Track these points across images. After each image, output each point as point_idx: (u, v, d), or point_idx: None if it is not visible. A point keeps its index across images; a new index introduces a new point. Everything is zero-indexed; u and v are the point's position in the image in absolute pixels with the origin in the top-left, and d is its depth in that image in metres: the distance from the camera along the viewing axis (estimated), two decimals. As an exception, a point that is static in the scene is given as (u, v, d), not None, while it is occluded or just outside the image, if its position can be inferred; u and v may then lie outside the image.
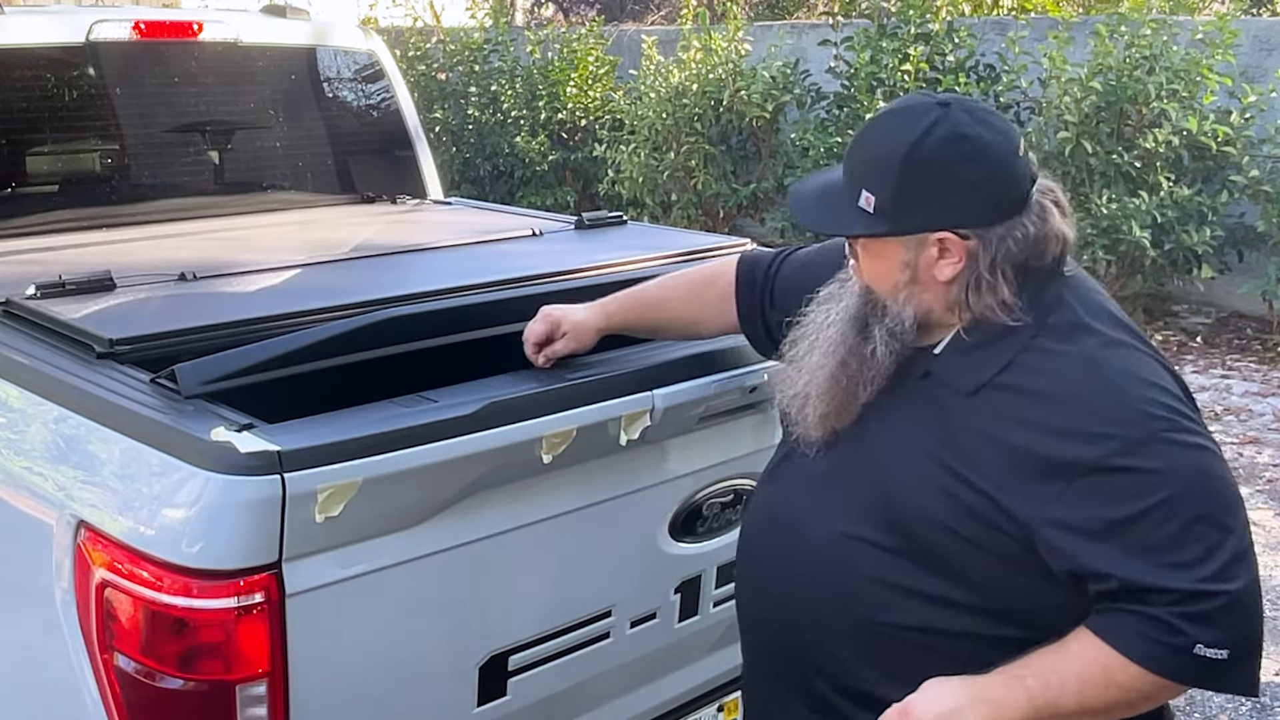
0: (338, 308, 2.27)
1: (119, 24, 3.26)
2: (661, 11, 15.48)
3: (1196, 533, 1.47)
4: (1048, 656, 1.54)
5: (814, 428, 1.72)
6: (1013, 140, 1.57)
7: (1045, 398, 1.53)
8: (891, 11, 8.26)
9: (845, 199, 1.62)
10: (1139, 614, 1.48)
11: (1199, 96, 6.87)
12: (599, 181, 9.58)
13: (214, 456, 1.61)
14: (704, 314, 2.08)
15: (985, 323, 1.59)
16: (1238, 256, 7.07)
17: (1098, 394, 1.52)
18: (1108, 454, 1.48)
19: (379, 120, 3.85)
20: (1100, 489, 1.48)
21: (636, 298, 2.13)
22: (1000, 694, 1.52)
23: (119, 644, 1.69)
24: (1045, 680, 1.51)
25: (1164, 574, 1.46)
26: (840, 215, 1.63)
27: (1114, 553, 1.48)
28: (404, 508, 1.76)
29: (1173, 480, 1.47)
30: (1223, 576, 1.47)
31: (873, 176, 1.58)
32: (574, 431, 1.90)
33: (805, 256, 2.02)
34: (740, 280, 2.04)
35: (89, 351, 2.03)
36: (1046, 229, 1.58)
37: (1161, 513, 1.46)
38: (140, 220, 3.23)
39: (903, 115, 1.59)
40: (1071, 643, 1.53)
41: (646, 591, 2.14)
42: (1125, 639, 1.49)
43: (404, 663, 1.83)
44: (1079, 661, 1.51)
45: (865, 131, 1.65)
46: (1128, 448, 1.48)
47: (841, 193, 1.63)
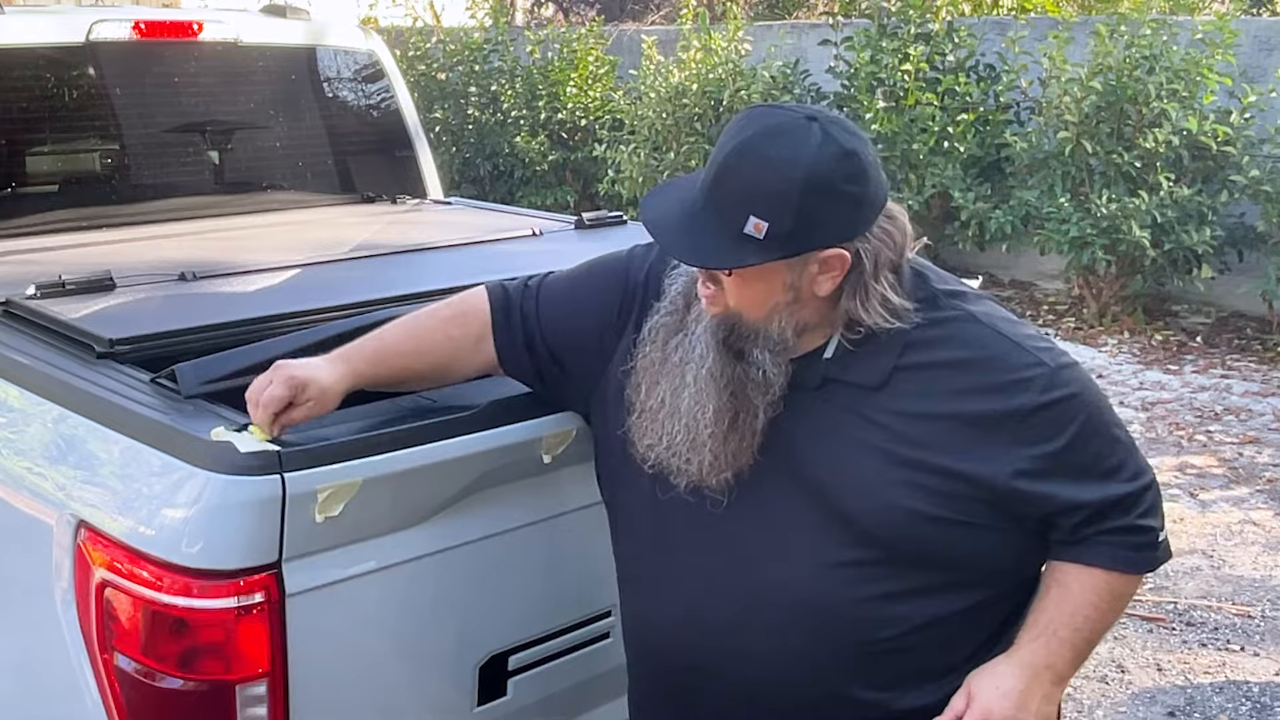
0: (338, 308, 2.27)
1: (119, 24, 3.26)
2: (661, 11, 15.48)
3: (1114, 437, 1.64)
4: (1058, 603, 1.63)
5: (710, 473, 1.61)
6: (870, 145, 1.59)
7: (959, 365, 1.60)
8: (891, 11, 8.26)
9: (724, 228, 1.52)
10: (1109, 531, 1.62)
11: (1199, 96, 6.87)
12: (599, 181, 9.59)
13: (214, 456, 1.61)
14: (459, 354, 1.86)
15: (873, 326, 1.60)
16: (1238, 256, 7.07)
17: (1000, 346, 1.61)
18: (1033, 396, 1.58)
19: (379, 120, 3.85)
20: (1040, 428, 1.58)
21: (384, 348, 1.84)
22: (1047, 657, 1.60)
23: (119, 644, 1.68)
24: (1074, 625, 1.62)
25: (1115, 486, 1.62)
26: (724, 245, 1.53)
27: (1074, 481, 1.59)
28: (404, 508, 1.77)
29: (1082, 401, 1.61)
30: (1144, 467, 1.67)
31: (763, 203, 1.50)
32: (574, 431, 1.90)
33: (570, 279, 1.89)
34: (495, 311, 1.86)
35: (89, 351, 2.02)
36: (902, 223, 1.62)
37: (1088, 431, 1.60)
38: (140, 220, 3.22)
39: (783, 137, 1.52)
40: (1068, 582, 1.64)
41: (646, 591, 2.14)
42: (1114, 558, 1.63)
43: (404, 663, 1.83)
44: (1087, 595, 1.63)
45: (741, 157, 1.53)
46: (1045, 386, 1.58)
47: (715, 221, 1.54)
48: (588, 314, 1.81)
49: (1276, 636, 3.84)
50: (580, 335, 1.81)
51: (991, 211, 7.48)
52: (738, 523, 1.64)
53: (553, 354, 1.83)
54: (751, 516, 1.64)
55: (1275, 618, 3.96)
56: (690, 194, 1.59)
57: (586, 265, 1.91)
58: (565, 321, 1.82)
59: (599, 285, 1.84)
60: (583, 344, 1.81)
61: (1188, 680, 3.55)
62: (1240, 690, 3.53)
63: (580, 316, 1.81)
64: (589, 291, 1.85)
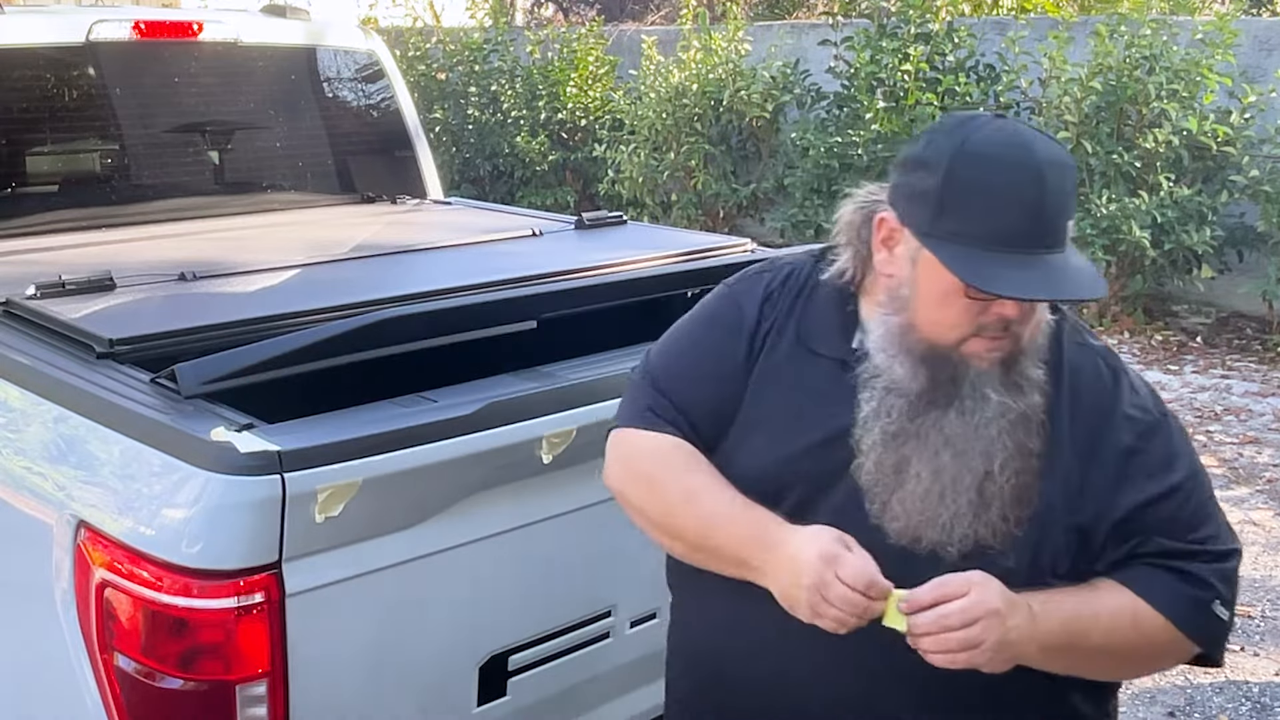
0: (338, 308, 2.28)
1: (119, 24, 3.26)
2: (661, 11, 15.48)
3: (1210, 494, 1.58)
4: (1077, 592, 1.53)
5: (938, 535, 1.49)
6: None
7: (1096, 391, 1.57)
8: (891, 11, 8.26)
9: (1071, 245, 1.46)
10: (1179, 570, 1.53)
11: (1199, 96, 6.87)
12: (599, 181, 9.58)
13: (214, 456, 1.61)
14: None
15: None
16: (1238, 256, 7.07)
17: (1130, 379, 1.59)
18: (1142, 431, 1.55)
19: (379, 120, 3.85)
20: (1147, 462, 1.54)
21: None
22: (1039, 607, 1.49)
23: (119, 644, 1.68)
24: (1078, 610, 1.52)
25: (1213, 535, 1.55)
26: (1086, 263, 1.47)
27: (1176, 516, 1.53)
28: (404, 508, 1.76)
29: (1189, 453, 1.58)
30: (1234, 537, 1.59)
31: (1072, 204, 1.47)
32: (574, 431, 1.90)
33: (688, 359, 1.69)
34: (684, 437, 1.65)
35: (89, 351, 2.03)
36: None
37: (1199, 477, 1.57)
38: (140, 220, 3.23)
39: (1045, 137, 1.46)
40: (1100, 588, 1.54)
41: (646, 591, 2.14)
42: (1156, 591, 1.52)
43: (404, 663, 1.83)
44: (1109, 603, 1.53)
45: (1061, 171, 1.43)
46: (1153, 425, 1.56)
47: (1071, 254, 1.45)
48: (722, 383, 1.65)
49: (1276, 636, 3.84)
50: (723, 401, 1.65)
51: (991, 211, 7.47)
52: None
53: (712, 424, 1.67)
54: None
55: (1275, 618, 3.96)
56: (1027, 238, 1.42)
57: (693, 338, 1.71)
58: (709, 405, 1.65)
59: (722, 353, 1.66)
60: (728, 409, 1.65)
61: (1187, 680, 3.55)
62: (1240, 690, 3.53)
63: (717, 390, 1.65)
64: (714, 363, 1.67)
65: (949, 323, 1.48)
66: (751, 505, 1.54)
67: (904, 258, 1.50)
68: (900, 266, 1.51)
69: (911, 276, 1.49)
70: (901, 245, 1.50)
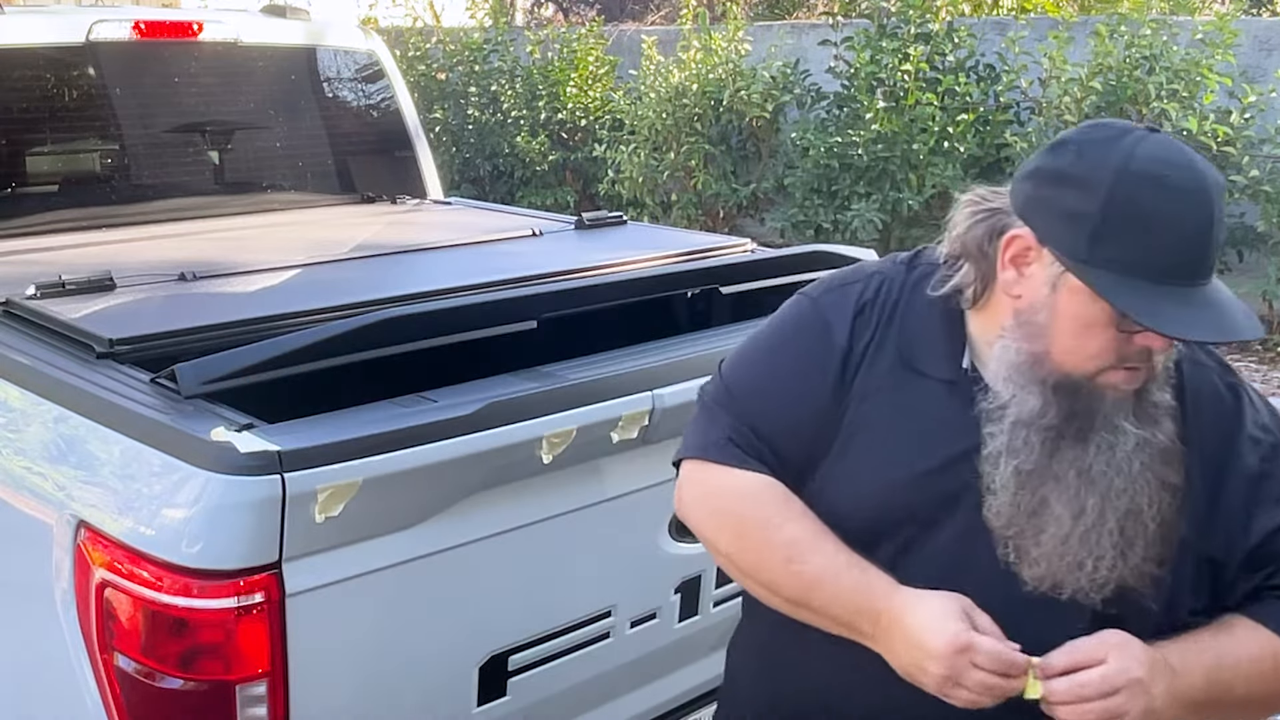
0: (338, 308, 2.28)
1: (119, 24, 3.26)
2: (661, 11, 15.48)
3: None
4: (1214, 636, 1.42)
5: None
6: None
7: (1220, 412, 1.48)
8: (891, 11, 8.26)
9: (1225, 290, 1.36)
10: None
11: (1199, 96, 6.87)
12: (599, 181, 9.58)
13: (214, 456, 1.61)
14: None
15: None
16: (1238, 256, 7.07)
17: (1249, 396, 1.51)
18: (1266, 453, 1.47)
19: (379, 120, 3.85)
20: (1275, 486, 1.46)
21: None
22: (1178, 661, 1.38)
23: (119, 644, 1.68)
24: (1219, 659, 1.40)
25: None
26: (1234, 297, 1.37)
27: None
28: (404, 508, 1.76)
29: None
30: None
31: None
32: (574, 431, 1.90)
33: (773, 391, 1.54)
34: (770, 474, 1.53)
35: (89, 351, 2.03)
36: None
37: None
38: (140, 220, 3.23)
39: (1221, 191, 1.34)
40: (1236, 629, 1.43)
41: (646, 591, 2.14)
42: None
43: (404, 663, 1.83)
44: (1249, 646, 1.42)
45: (1220, 217, 1.32)
46: (1277, 445, 1.48)
47: (1218, 284, 1.36)
48: (811, 408, 1.52)
49: (1276, 636, 3.84)
50: (813, 430, 1.52)
51: (991, 211, 7.47)
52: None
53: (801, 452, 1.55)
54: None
55: (1275, 618, 3.95)
56: (1189, 270, 1.32)
57: (775, 357, 1.57)
58: (796, 434, 1.53)
59: (810, 374, 1.53)
60: (818, 438, 1.53)
61: None
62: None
63: (806, 417, 1.52)
64: (801, 386, 1.53)
65: (1089, 353, 1.36)
66: (861, 565, 1.42)
67: (1040, 281, 1.37)
68: (1034, 290, 1.37)
69: (1050, 302, 1.36)
70: (1036, 266, 1.37)
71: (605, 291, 2.38)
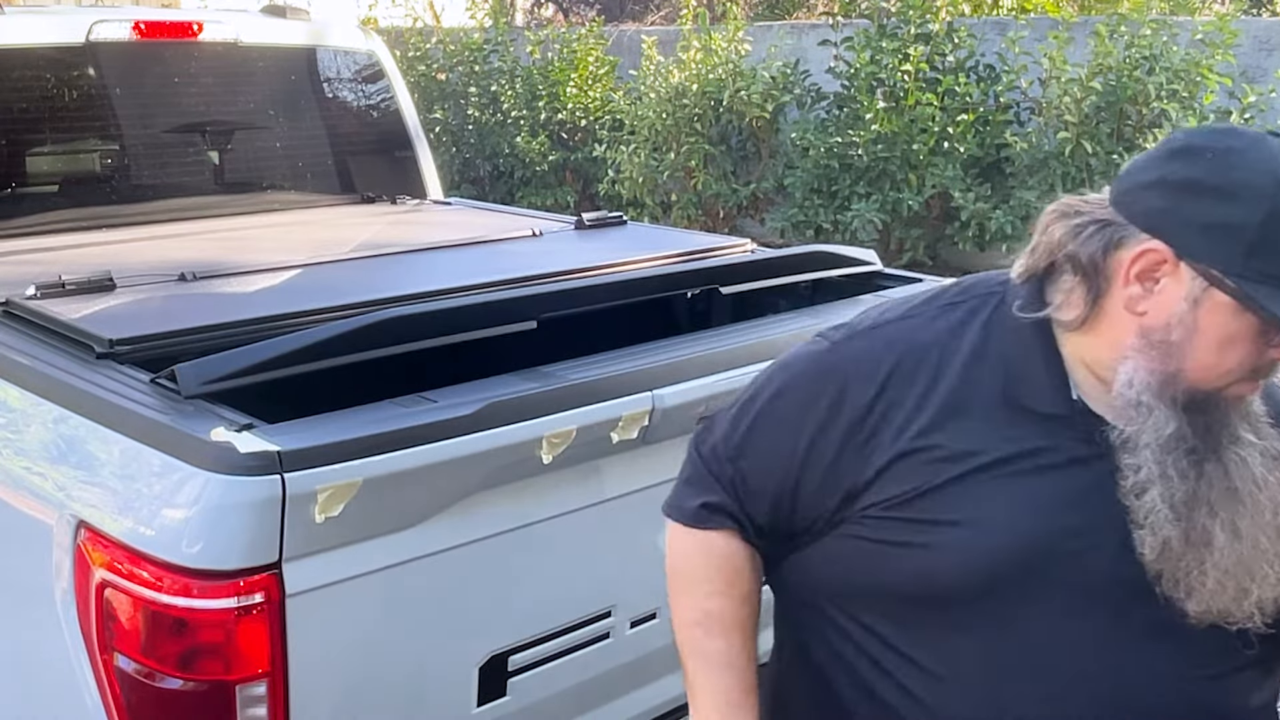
0: (338, 308, 2.28)
1: (119, 24, 3.26)
2: (661, 11, 15.48)
3: None
4: None
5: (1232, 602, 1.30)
6: None
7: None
8: (891, 11, 8.26)
9: None
10: None
11: (1199, 96, 6.87)
12: (599, 181, 9.58)
13: (214, 457, 1.61)
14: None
15: None
16: (1238, 256, 7.07)
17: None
18: None
19: (379, 120, 3.85)
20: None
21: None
22: None
23: (119, 644, 1.68)
24: None
25: None
26: None
27: None
28: (404, 508, 1.76)
29: None
30: None
31: None
32: (574, 431, 1.90)
33: (772, 432, 1.44)
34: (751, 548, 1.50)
35: (89, 352, 2.03)
36: None
37: None
38: (140, 220, 3.23)
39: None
40: None
41: (646, 591, 2.14)
42: None
43: (404, 663, 1.83)
44: None
45: None
46: None
47: None
48: (808, 475, 1.42)
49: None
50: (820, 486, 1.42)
51: (992, 212, 7.48)
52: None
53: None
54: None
55: (1275, 618, 3.95)
56: None
57: (769, 416, 1.45)
58: (785, 504, 1.44)
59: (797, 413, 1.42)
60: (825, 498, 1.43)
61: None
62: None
63: (797, 488, 1.42)
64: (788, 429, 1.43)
65: (1226, 368, 1.29)
66: (729, 668, 1.46)
67: (1175, 296, 1.27)
68: (1166, 306, 1.27)
69: (1189, 318, 1.27)
70: (1169, 281, 1.27)
71: (605, 292, 2.38)
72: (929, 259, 8.10)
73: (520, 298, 2.25)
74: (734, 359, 2.13)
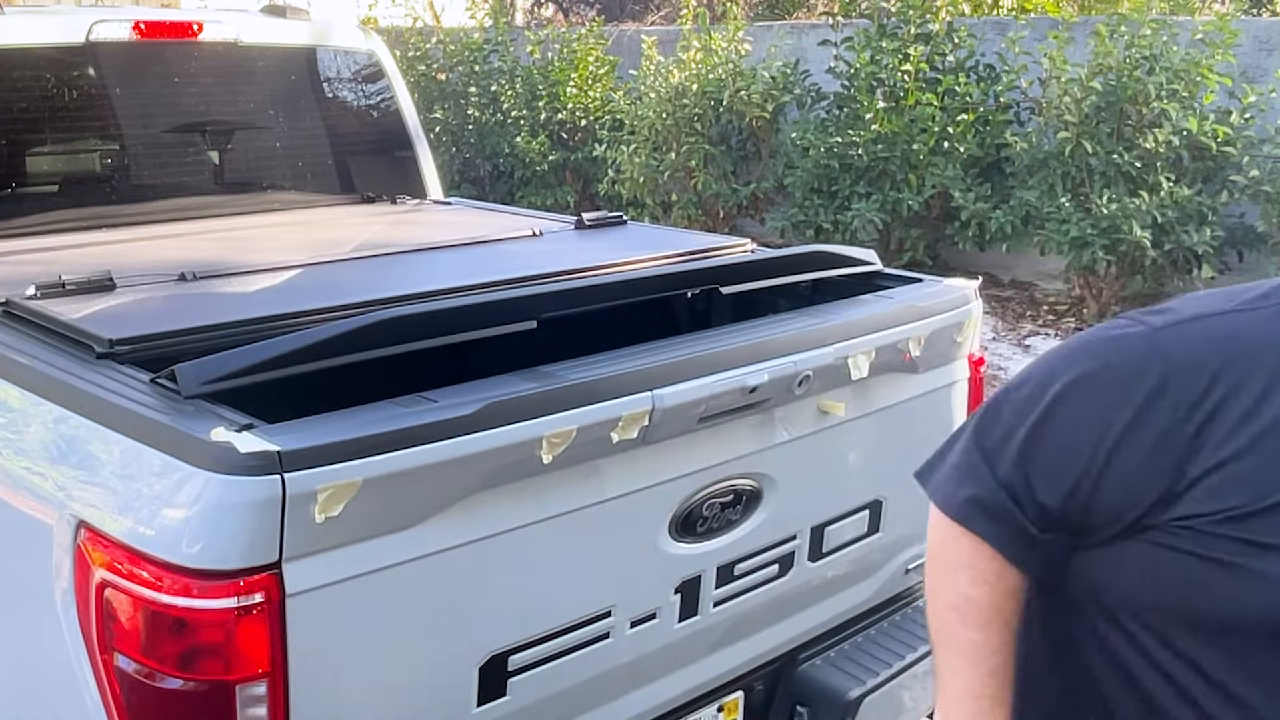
0: (338, 308, 2.28)
1: (119, 24, 3.26)
2: (661, 11, 15.48)
3: None
4: None
5: None
6: None
7: None
8: (891, 11, 8.26)
9: None
10: None
11: (1199, 96, 6.88)
12: (599, 181, 9.59)
13: (214, 457, 1.61)
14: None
15: None
16: (1238, 257, 7.07)
17: None
18: None
19: (379, 120, 3.85)
20: None
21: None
22: None
23: (119, 644, 1.68)
24: None
25: None
26: None
27: None
28: (404, 508, 1.76)
29: None
30: None
31: None
32: (574, 431, 1.90)
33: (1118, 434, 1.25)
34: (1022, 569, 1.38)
35: (89, 352, 2.03)
36: None
37: None
38: (140, 220, 3.23)
39: None
40: None
41: (646, 591, 2.14)
42: None
43: (404, 663, 1.83)
44: None
45: None
46: None
47: None
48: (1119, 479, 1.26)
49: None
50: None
51: (992, 211, 7.48)
52: None
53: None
54: None
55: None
56: None
57: (1072, 416, 1.29)
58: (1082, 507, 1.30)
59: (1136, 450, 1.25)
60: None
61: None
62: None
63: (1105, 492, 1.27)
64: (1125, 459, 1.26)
65: None
66: (983, 664, 1.36)
67: None
68: None
69: None
70: None
71: (605, 291, 2.38)
72: (929, 259, 8.10)
73: (520, 298, 2.25)
74: (734, 359, 2.12)
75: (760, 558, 2.31)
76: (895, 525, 2.59)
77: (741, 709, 2.44)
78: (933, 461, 1.46)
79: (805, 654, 2.53)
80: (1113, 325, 1.33)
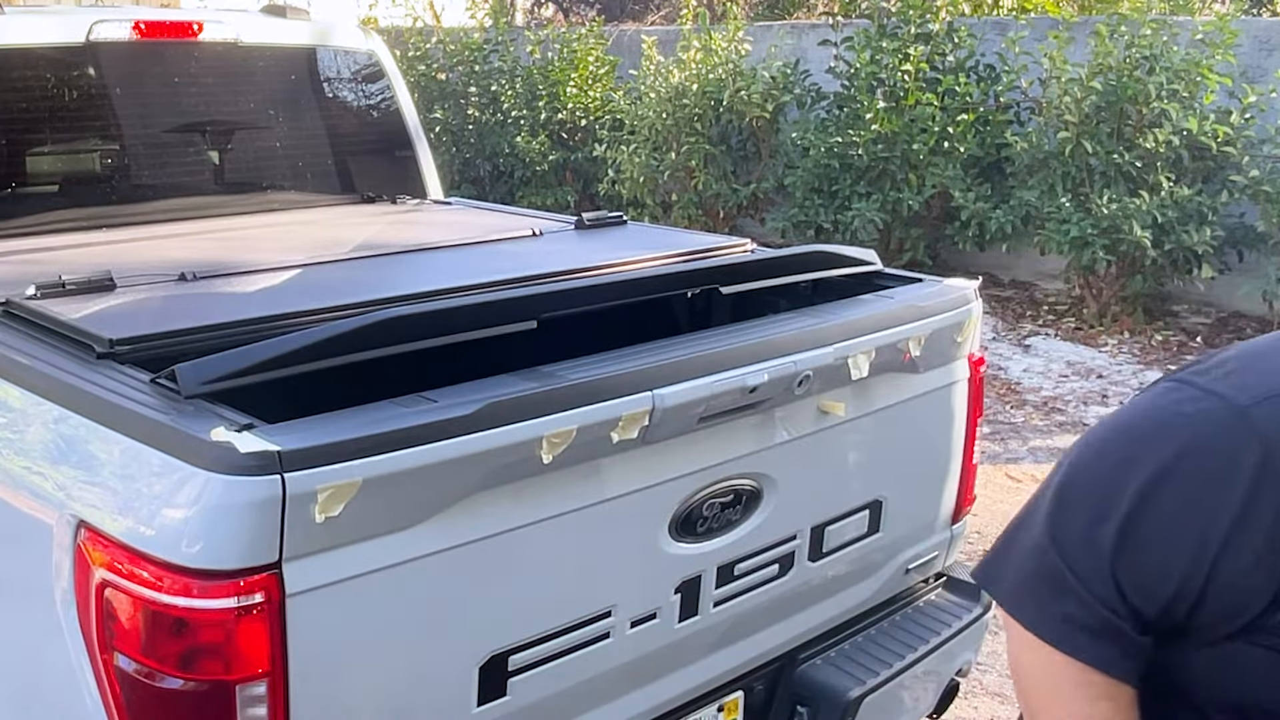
0: (338, 308, 2.28)
1: (119, 24, 3.26)
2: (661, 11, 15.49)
3: None
4: None
5: None
6: None
7: None
8: (891, 11, 8.26)
9: None
10: None
11: (1199, 96, 6.88)
12: (599, 181, 9.59)
13: (214, 457, 1.61)
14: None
15: None
16: (1238, 256, 7.07)
17: None
18: None
19: (379, 120, 3.85)
20: None
21: None
22: None
23: (119, 644, 1.68)
24: None
25: None
26: None
27: None
28: (404, 508, 1.76)
29: None
30: None
31: None
32: (574, 431, 1.90)
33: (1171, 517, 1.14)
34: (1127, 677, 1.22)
35: (89, 352, 2.03)
36: None
37: None
38: (140, 220, 3.23)
39: None
40: None
41: (646, 591, 2.14)
42: None
43: (404, 663, 1.83)
44: None
45: None
46: None
47: None
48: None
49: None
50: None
51: (992, 211, 7.48)
52: None
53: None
54: None
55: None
56: None
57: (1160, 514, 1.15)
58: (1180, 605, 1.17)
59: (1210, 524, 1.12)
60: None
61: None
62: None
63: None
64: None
65: None
66: None
67: None
68: None
69: None
70: None
71: (605, 291, 2.38)
72: (929, 259, 8.10)
73: (520, 298, 2.25)
74: (734, 359, 2.12)
75: (760, 558, 2.31)
76: (895, 525, 2.59)
77: (741, 709, 2.44)
78: (996, 561, 1.28)
79: (805, 654, 2.53)
80: (1179, 395, 1.18)
